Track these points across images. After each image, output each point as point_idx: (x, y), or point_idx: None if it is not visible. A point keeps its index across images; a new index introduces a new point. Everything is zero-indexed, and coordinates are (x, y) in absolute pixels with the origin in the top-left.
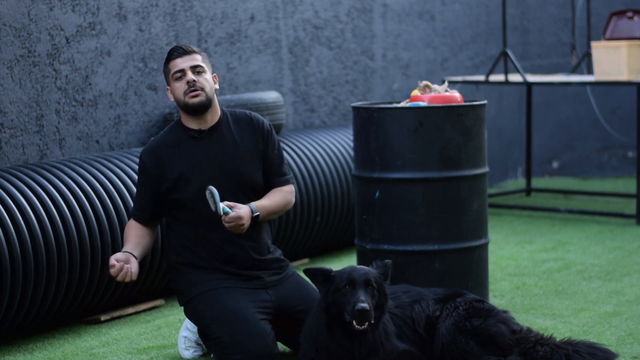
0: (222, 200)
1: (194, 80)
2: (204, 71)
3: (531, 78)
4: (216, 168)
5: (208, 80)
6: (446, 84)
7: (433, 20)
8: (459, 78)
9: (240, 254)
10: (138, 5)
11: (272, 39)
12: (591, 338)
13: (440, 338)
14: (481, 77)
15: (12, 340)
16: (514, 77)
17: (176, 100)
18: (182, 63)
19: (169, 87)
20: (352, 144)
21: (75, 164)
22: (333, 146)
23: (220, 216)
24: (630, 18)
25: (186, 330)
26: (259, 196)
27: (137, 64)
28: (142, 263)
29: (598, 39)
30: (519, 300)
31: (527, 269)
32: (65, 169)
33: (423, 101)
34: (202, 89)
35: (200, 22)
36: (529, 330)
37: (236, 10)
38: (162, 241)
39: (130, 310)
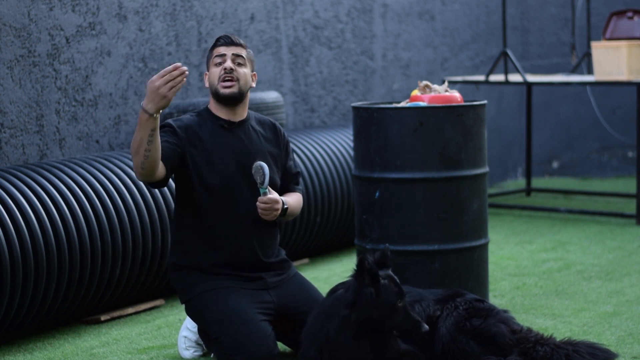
0: (242, 196)
1: (232, 69)
2: (244, 64)
3: (531, 78)
4: (242, 161)
5: (246, 75)
6: (446, 84)
7: (433, 20)
8: (459, 78)
9: (247, 253)
10: (138, 5)
11: (272, 39)
12: (591, 338)
13: (440, 338)
14: (481, 77)
15: (12, 340)
16: (514, 77)
17: (210, 85)
18: (225, 50)
19: (207, 73)
20: (352, 144)
21: (75, 164)
22: (333, 146)
23: (261, 194)
24: (630, 18)
25: (186, 330)
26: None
27: (137, 64)
28: (141, 263)
29: (598, 39)
30: (519, 300)
31: (527, 269)
32: (65, 169)
33: (423, 101)
34: (237, 80)
35: (200, 22)
36: (529, 330)
37: (236, 10)
38: (162, 242)
39: (130, 310)
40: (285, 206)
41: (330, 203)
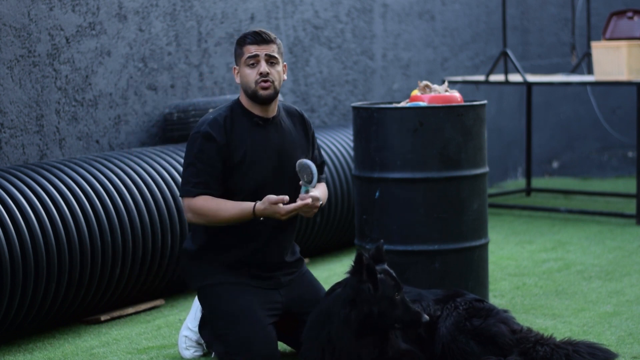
0: (275, 193)
1: (268, 73)
2: (277, 63)
3: (531, 78)
4: (277, 157)
5: (279, 73)
6: (446, 84)
7: (433, 20)
8: (459, 78)
9: (270, 251)
10: (138, 5)
11: None
12: (591, 338)
13: (440, 338)
14: (481, 77)
15: (12, 340)
16: (514, 77)
17: (244, 85)
18: (257, 50)
19: (237, 68)
20: (352, 144)
21: (75, 164)
22: (333, 146)
23: (302, 191)
24: (630, 18)
25: (187, 330)
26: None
27: (137, 64)
28: (141, 263)
29: (598, 39)
30: (519, 300)
31: (527, 269)
32: (65, 169)
33: (423, 101)
34: (273, 82)
35: (200, 22)
36: (529, 330)
37: (236, 10)
38: (162, 242)
39: (130, 310)
40: (321, 202)
41: (330, 203)
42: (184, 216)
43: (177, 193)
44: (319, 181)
